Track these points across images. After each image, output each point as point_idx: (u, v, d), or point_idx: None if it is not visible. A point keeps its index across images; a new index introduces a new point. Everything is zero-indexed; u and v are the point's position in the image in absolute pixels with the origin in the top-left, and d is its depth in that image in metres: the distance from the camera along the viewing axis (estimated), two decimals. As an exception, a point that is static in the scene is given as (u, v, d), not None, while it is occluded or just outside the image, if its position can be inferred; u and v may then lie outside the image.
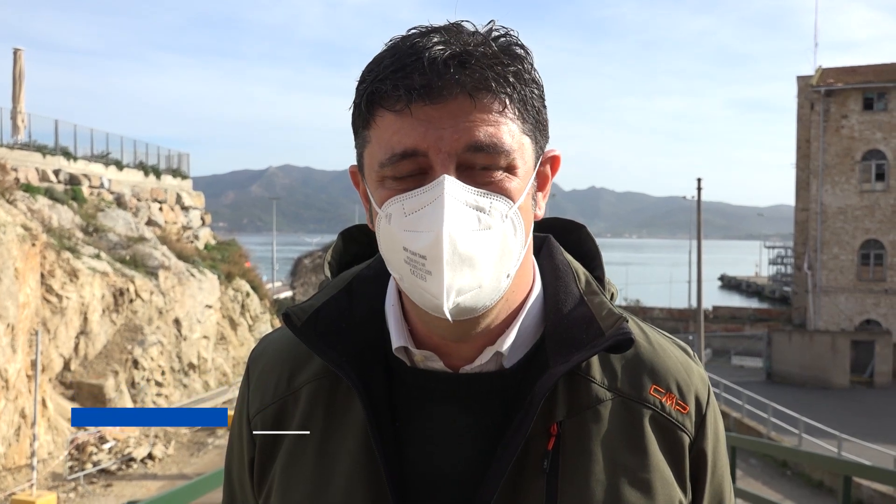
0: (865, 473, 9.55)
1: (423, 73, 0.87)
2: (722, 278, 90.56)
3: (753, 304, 59.84)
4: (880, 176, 34.24)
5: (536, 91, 0.94)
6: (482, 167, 0.90)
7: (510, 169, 0.91)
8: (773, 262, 70.92)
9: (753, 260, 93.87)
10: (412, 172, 0.91)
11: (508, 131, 0.91)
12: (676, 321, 39.78)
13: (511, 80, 0.90)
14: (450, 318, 0.88)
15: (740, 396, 22.71)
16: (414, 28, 0.94)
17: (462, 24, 0.94)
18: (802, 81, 37.76)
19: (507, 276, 0.93)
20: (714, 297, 61.09)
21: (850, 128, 34.22)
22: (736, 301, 63.74)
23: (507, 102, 0.90)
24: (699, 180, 28.80)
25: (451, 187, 0.88)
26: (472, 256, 0.88)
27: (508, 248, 0.91)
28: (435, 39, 0.90)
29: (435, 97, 0.88)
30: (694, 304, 33.91)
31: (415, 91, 0.88)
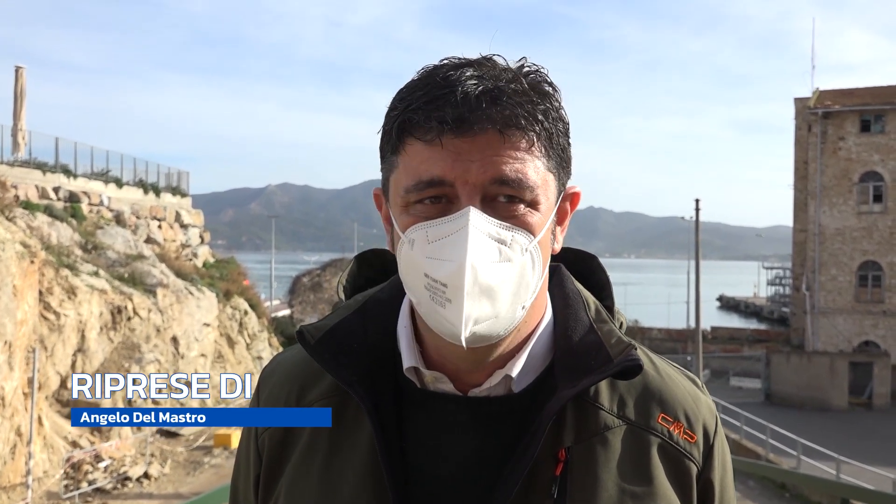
0: (864, 496, 9.54)
1: (456, 107, 0.90)
2: (720, 299, 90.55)
3: (752, 324, 59.74)
4: (878, 197, 34.34)
5: (562, 129, 0.97)
6: (506, 201, 0.93)
7: (533, 204, 0.94)
8: (771, 283, 70.91)
9: (752, 281, 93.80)
10: (437, 201, 0.93)
11: (534, 167, 0.93)
12: (675, 342, 39.69)
13: (539, 117, 0.93)
14: (465, 346, 0.90)
15: (739, 418, 22.64)
16: (447, 58, 0.96)
17: (494, 58, 0.96)
18: (800, 103, 37.94)
19: (523, 308, 0.95)
20: (712, 318, 61.04)
21: (848, 150, 34.37)
22: (734, 322, 63.69)
23: (535, 140, 0.93)
24: (697, 201, 28.87)
25: (476, 219, 0.90)
26: (491, 287, 0.90)
27: (526, 280, 0.93)
28: (468, 73, 0.92)
29: (465, 131, 0.90)
30: (692, 324, 33.87)
31: (446, 124, 0.90)
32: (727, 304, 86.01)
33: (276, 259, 60.92)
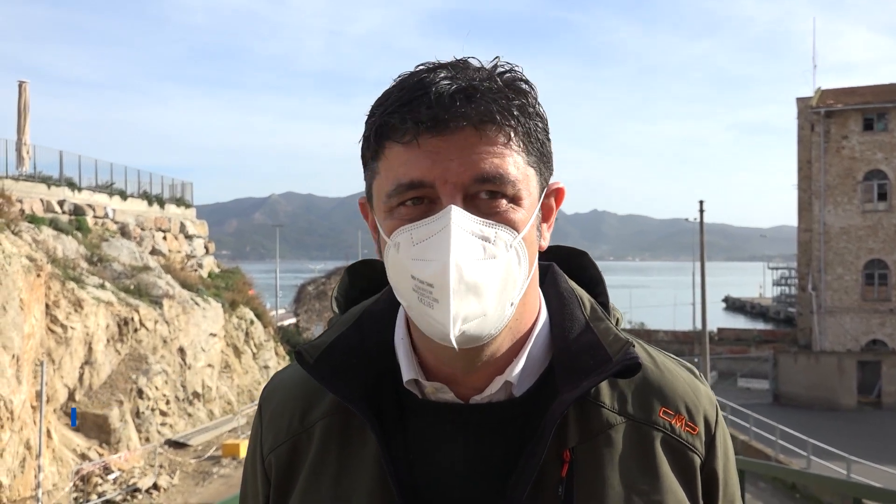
0: (875, 496, 9.48)
1: (431, 107, 0.90)
2: (726, 300, 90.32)
3: (758, 325, 59.58)
4: (882, 196, 34.27)
5: (541, 124, 0.97)
6: (488, 197, 0.92)
7: (515, 200, 0.93)
8: (776, 284, 70.77)
9: (757, 281, 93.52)
10: (419, 202, 0.93)
11: (514, 162, 0.93)
12: (681, 343, 39.58)
13: (515, 113, 0.93)
14: (455, 346, 0.89)
15: (747, 419, 22.57)
16: (422, 64, 0.96)
17: (468, 60, 0.96)
18: (802, 103, 37.89)
19: (511, 305, 0.94)
20: (719, 319, 60.88)
21: (851, 148, 34.31)
22: (741, 323, 63.53)
23: (512, 135, 0.93)
24: (701, 202, 28.87)
25: (458, 217, 0.89)
26: (477, 285, 0.89)
27: (512, 277, 0.93)
28: (441, 75, 0.93)
29: (442, 129, 0.90)
30: (698, 326, 33.80)
31: (422, 124, 0.90)
32: (733, 306, 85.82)
33: (281, 268, 60.97)
